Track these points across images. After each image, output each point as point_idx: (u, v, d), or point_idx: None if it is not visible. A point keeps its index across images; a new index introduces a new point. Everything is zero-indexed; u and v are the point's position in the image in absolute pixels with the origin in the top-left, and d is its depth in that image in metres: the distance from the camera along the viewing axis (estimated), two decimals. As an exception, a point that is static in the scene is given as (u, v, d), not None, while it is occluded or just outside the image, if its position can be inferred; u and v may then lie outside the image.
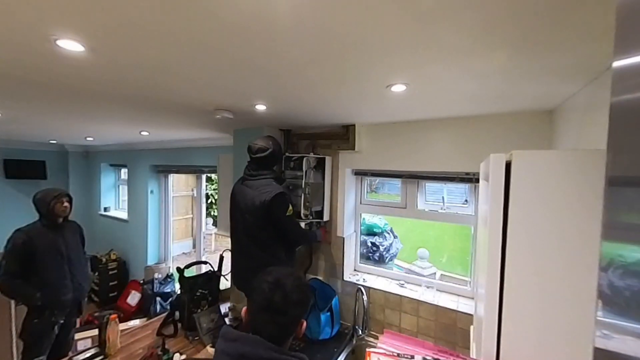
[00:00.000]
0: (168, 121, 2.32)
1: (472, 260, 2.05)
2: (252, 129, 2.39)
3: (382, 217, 3.10)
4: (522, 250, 0.74)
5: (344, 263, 2.36)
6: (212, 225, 6.61)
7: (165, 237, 4.44)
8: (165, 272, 4.09)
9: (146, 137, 3.46)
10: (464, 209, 2.06)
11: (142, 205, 4.31)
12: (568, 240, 0.70)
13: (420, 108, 1.65)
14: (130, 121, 2.39)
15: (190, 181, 6.18)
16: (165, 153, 4.03)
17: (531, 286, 0.73)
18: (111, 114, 2.08)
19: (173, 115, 2.04)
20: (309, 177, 2.19)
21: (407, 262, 2.64)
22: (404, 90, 1.29)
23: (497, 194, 0.77)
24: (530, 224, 0.73)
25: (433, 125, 1.93)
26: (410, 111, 1.74)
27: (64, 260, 2.20)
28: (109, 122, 2.50)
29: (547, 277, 0.72)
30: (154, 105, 1.74)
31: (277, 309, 0.83)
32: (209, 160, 3.43)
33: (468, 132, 1.81)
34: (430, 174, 2.01)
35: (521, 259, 0.74)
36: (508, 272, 0.76)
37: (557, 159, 0.72)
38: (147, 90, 1.42)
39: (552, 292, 0.71)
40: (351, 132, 2.17)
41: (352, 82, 1.22)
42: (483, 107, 1.59)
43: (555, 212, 0.71)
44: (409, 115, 1.84)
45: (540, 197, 0.73)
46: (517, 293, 0.75)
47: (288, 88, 1.33)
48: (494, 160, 0.78)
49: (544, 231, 0.72)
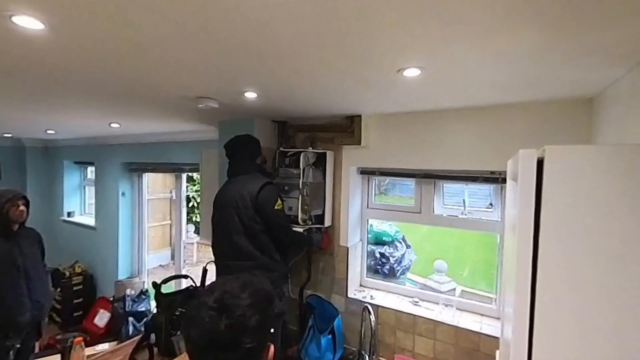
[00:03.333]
0: (142, 111, 2.32)
1: (498, 274, 2.05)
2: (241, 121, 2.40)
3: (393, 224, 3.12)
4: (557, 262, 0.74)
5: (348, 277, 2.36)
6: (194, 232, 6.60)
7: (139, 247, 4.42)
8: (139, 287, 4.08)
9: (117, 130, 3.44)
10: (488, 214, 2.07)
11: (112, 209, 4.29)
12: (611, 251, 0.69)
13: (437, 96, 1.65)
14: (98, 111, 2.38)
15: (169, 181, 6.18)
16: (139, 149, 4.02)
17: (567, 305, 0.73)
18: (76, 102, 2.07)
19: (148, 104, 2.04)
20: (308, 176, 2.20)
21: (422, 276, 2.66)
22: (418, 75, 1.29)
23: (527, 197, 0.76)
24: (566, 232, 0.73)
25: (452, 116, 1.93)
26: (425, 100, 1.74)
27: (20, 274, 2.19)
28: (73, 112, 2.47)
29: (587, 295, 0.72)
30: (126, 92, 1.74)
31: (224, 345, 0.68)
32: (191, 157, 3.42)
33: (493, 124, 1.81)
34: (449, 173, 2.01)
35: (556, 273, 0.74)
36: (540, 288, 0.75)
37: (597, 155, 0.72)
38: (118, 75, 1.42)
39: (593, 313, 0.71)
40: (356, 124, 2.17)
41: (357, 65, 1.22)
42: (511, 95, 1.60)
43: (595, 217, 0.71)
44: (424, 104, 1.84)
45: (578, 199, 0.72)
46: (550, 313, 0.74)
47: (283, 72, 1.33)
48: (524, 157, 0.78)
49: (583, 240, 0.72)
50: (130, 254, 4.41)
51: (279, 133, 2.51)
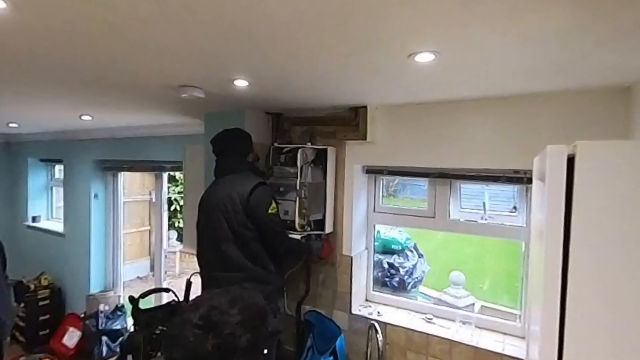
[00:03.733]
0: (118, 102, 2.32)
1: (523, 288, 2.05)
2: (230, 113, 2.39)
3: (403, 230, 3.11)
4: (590, 273, 0.74)
5: (352, 291, 2.36)
6: (177, 240, 6.61)
7: (114, 257, 4.41)
8: (114, 302, 4.07)
9: (89, 123, 3.44)
10: (511, 219, 2.07)
11: (83, 213, 4.28)
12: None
13: (454, 84, 1.65)
14: (68, 102, 2.39)
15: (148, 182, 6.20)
16: (114, 144, 4.01)
17: (602, 322, 0.73)
18: (42, 91, 2.08)
19: (125, 94, 2.04)
20: (306, 175, 2.20)
21: (437, 290, 2.65)
22: (432, 61, 1.29)
23: (556, 199, 0.76)
24: (601, 239, 0.73)
25: (471, 108, 1.93)
26: (440, 89, 1.73)
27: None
28: (39, 103, 2.48)
29: (623, 311, 0.71)
30: (100, 80, 1.74)
31: None
32: (173, 154, 3.41)
33: (517, 117, 1.81)
34: (467, 172, 2.01)
35: (589, 286, 0.74)
36: (571, 303, 0.75)
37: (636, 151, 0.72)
38: (90, 60, 1.42)
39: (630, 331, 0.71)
40: (361, 116, 2.17)
41: (362, 49, 1.21)
42: (537, 84, 1.59)
43: (634, 222, 0.71)
44: (439, 94, 1.84)
45: (614, 202, 0.72)
46: (582, 331, 0.74)
47: (277, 58, 1.32)
48: (552, 154, 0.79)
49: (619, 248, 0.72)
50: (104, 264, 4.39)
51: (273, 127, 2.51)
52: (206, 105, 2.27)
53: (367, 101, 2.08)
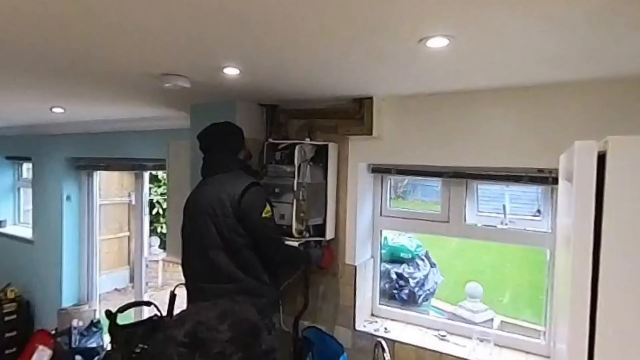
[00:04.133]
0: (93, 93, 2.32)
1: (548, 301, 2.04)
2: (219, 105, 2.39)
3: (413, 237, 3.10)
4: (623, 285, 0.73)
5: (356, 304, 2.36)
6: (159, 247, 6.60)
7: (88, 266, 4.41)
8: (89, 318, 4.06)
9: (61, 117, 3.41)
10: (535, 224, 2.06)
11: (55, 218, 4.26)
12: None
13: (470, 73, 1.65)
14: (37, 92, 2.39)
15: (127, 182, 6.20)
16: (89, 140, 4.00)
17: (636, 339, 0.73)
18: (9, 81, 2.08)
19: (101, 83, 2.04)
20: (304, 175, 2.20)
21: (451, 303, 2.68)
22: (445, 47, 1.29)
23: (585, 201, 0.77)
24: (635, 246, 0.73)
25: (489, 99, 1.93)
26: (454, 78, 1.73)
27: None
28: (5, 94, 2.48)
29: (660, 326, 0.72)
30: (73, 68, 1.74)
31: None
32: (155, 151, 3.38)
33: (541, 109, 1.81)
34: (485, 171, 2.00)
35: (621, 299, 0.74)
36: (601, 318, 0.75)
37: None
38: (63, 46, 1.42)
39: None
40: (366, 108, 2.16)
41: (367, 34, 1.21)
42: (564, 72, 1.58)
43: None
44: (453, 83, 1.84)
45: (651, 205, 0.72)
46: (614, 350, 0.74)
47: (273, 43, 1.32)
48: (581, 151, 0.79)
49: (656, 256, 0.71)
50: (78, 274, 4.38)
51: (267, 120, 2.51)
52: (192, 96, 2.26)
53: (373, 91, 2.08)
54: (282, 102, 2.45)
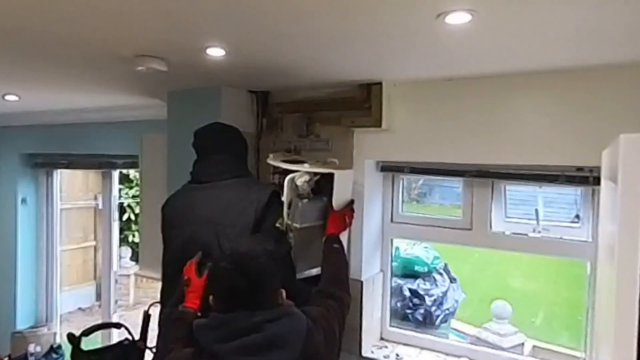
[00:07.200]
0: (54, 77, 2.32)
1: (588, 322, 2.01)
2: (200, 91, 2.38)
3: (430, 247, 3.14)
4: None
5: (363, 326, 2.28)
6: (131, 259, 6.64)
7: (47, 282, 4.37)
8: (49, 342, 4.05)
9: (15, 105, 3.36)
10: (573, 232, 2.03)
11: (7, 224, 4.22)
12: None
13: (496, 54, 1.64)
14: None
15: (93, 182, 6.30)
16: (48, 134, 3.98)
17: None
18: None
19: (63, 66, 2.04)
20: (294, 216, 2.03)
21: (474, 325, 2.75)
22: (467, 23, 1.26)
23: (631, 205, 0.80)
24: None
25: (519, 85, 1.89)
26: (478, 59, 1.72)
27: None
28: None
29: None
30: (30, 49, 1.73)
31: (246, 299, 1.22)
32: (125, 146, 3.38)
33: (581, 97, 1.77)
34: (515, 169, 1.97)
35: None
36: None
37: None
38: (18, 23, 1.40)
39: None
40: (375, 95, 2.13)
41: (376, 7, 1.20)
42: (607, 53, 1.55)
43: None
44: (477, 66, 1.83)
45: None
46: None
47: (265, 17, 1.30)
48: (627, 146, 0.81)
49: None
50: (35, 291, 4.36)
51: (258, 110, 2.48)
52: (169, 82, 2.26)
53: (383, 76, 2.05)
54: (274, 89, 2.43)
